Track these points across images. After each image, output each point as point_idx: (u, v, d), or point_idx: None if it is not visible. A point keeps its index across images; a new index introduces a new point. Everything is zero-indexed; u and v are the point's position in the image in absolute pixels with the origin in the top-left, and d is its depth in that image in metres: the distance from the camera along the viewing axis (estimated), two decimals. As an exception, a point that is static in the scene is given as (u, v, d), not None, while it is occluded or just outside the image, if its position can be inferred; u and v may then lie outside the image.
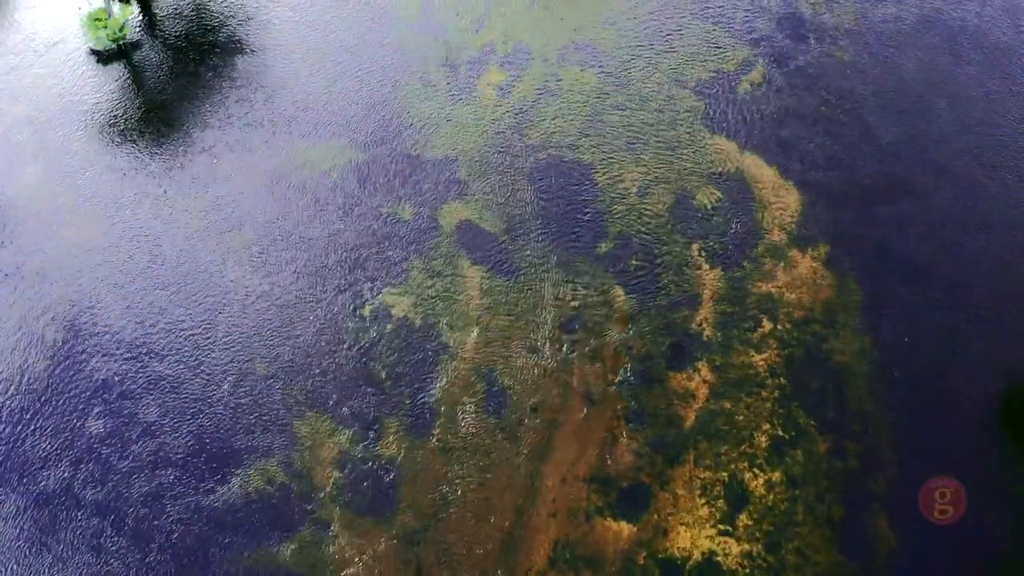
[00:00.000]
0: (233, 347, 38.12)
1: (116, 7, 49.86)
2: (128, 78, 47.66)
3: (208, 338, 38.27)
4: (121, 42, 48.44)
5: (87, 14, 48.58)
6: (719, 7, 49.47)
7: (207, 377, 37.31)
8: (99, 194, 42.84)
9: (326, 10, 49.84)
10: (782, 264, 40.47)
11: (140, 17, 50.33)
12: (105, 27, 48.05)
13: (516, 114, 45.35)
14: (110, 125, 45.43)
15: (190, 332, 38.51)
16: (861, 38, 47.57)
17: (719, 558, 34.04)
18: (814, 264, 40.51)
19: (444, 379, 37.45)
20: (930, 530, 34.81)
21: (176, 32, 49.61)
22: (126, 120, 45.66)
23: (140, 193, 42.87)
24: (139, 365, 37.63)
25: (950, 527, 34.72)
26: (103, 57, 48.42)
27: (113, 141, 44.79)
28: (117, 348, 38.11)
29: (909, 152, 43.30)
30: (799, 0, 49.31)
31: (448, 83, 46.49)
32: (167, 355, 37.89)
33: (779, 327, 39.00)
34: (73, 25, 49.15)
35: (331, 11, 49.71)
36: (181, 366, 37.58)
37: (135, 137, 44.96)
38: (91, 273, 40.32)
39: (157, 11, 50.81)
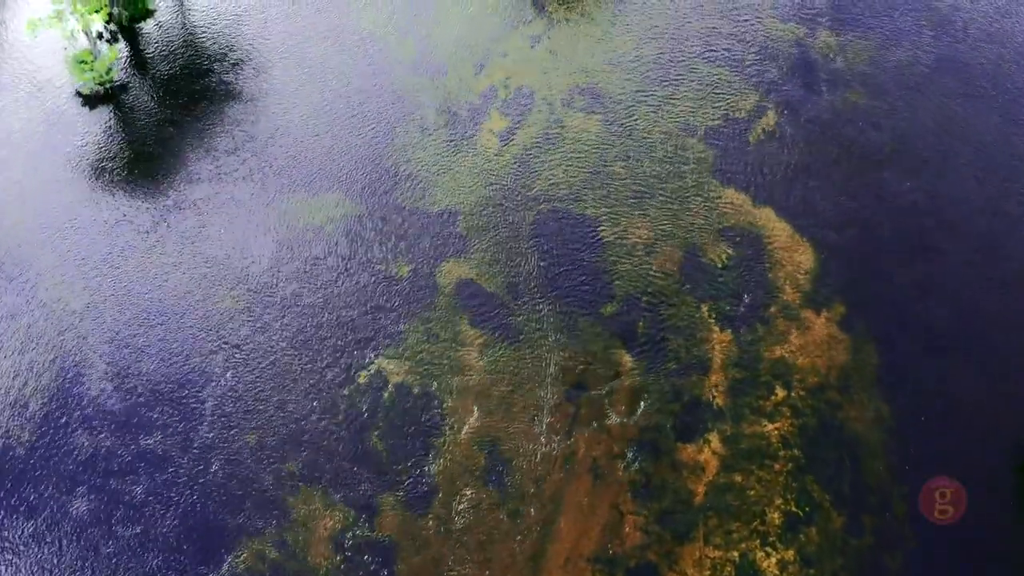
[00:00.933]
0: (223, 418, 37.44)
1: (104, 47, 49.24)
2: (115, 124, 46.94)
3: (196, 409, 37.59)
4: (108, 85, 47.79)
5: (72, 56, 47.88)
6: (727, 49, 48.79)
7: (196, 451, 36.62)
8: (85, 249, 42.14)
9: (320, 54, 49.10)
10: (795, 327, 39.81)
11: (128, 57, 49.67)
12: (91, 69, 47.34)
13: (517, 164, 44.69)
14: (96, 175, 44.74)
15: (178, 401, 37.80)
16: (876, 82, 46.86)
17: (730, 647, 33.51)
18: (829, 327, 39.84)
19: (443, 451, 36.80)
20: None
21: (165, 74, 48.90)
22: (113, 169, 44.96)
23: (127, 248, 42.19)
24: (125, 438, 36.90)
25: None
26: (89, 100, 47.73)
27: (99, 192, 44.08)
28: (103, 420, 37.40)
29: (927, 208, 42.59)
30: (810, 42, 48.63)
31: (447, 130, 45.82)
32: (154, 427, 37.20)
33: (793, 394, 38.34)
34: (59, 67, 48.46)
35: (325, 55, 48.96)
36: (169, 439, 36.90)
37: (122, 188, 44.26)
38: (75, 334, 39.62)
39: (146, 50, 50.18)
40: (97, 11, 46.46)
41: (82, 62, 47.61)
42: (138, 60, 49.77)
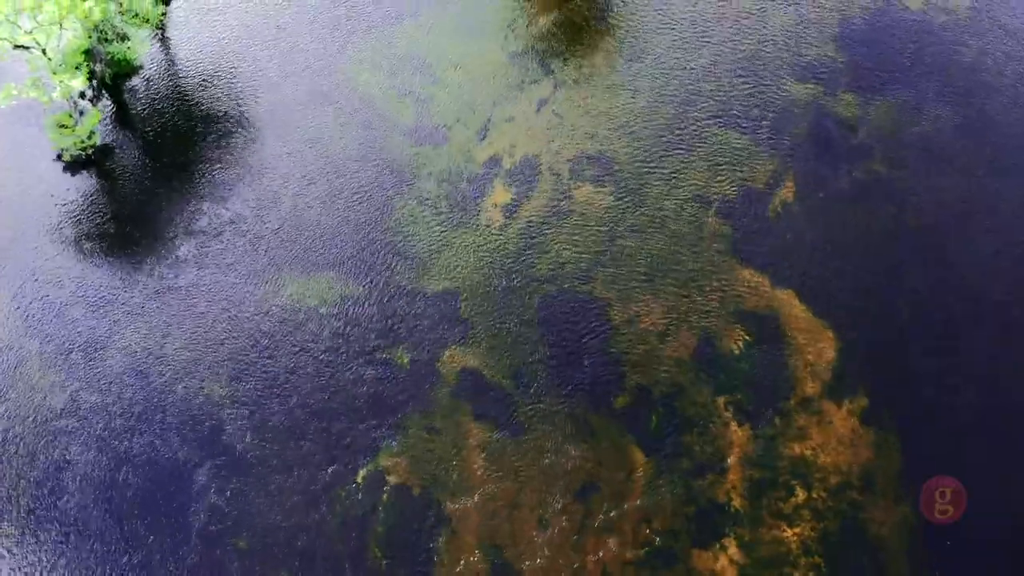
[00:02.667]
0: (211, 522, 37.03)
1: (86, 105, 48.89)
2: (97, 195, 46.51)
3: (183, 519, 37.09)
4: (90, 150, 47.43)
5: (52, 119, 47.52)
6: (742, 112, 48.52)
7: (181, 565, 36.21)
8: (63, 335, 41.70)
9: (315, 118, 48.67)
10: (816, 420, 39.54)
11: (112, 118, 49.34)
12: (72, 132, 47.06)
13: (522, 240, 44.40)
14: (76, 254, 44.19)
15: (162, 511, 37.26)
16: (898, 153, 46.54)
17: None
18: (851, 420, 39.57)
19: (445, 558, 36.42)
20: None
21: (151, 139, 48.54)
22: (94, 250, 44.34)
23: (107, 335, 41.77)
24: (108, 556, 36.35)
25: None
26: (71, 166, 47.38)
27: (79, 273, 43.58)
28: (84, 535, 36.77)
29: (952, 295, 42.17)
30: (829, 106, 48.33)
31: (448, 204, 45.53)
32: (139, 542, 36.67)
33: (813, 495, 38.06)
34: (37, 129, 48.12)
35: (320, 120, 48.57)
36: (155, 556, 36.39)
37: (103, 269, 43.74)
38: (51, 431, 39.25)
39: (132, 108, 49.86)
40: (77, 67, 46.14)
41: (62, 126, 47.33)
42: (123, 121, 49.43)
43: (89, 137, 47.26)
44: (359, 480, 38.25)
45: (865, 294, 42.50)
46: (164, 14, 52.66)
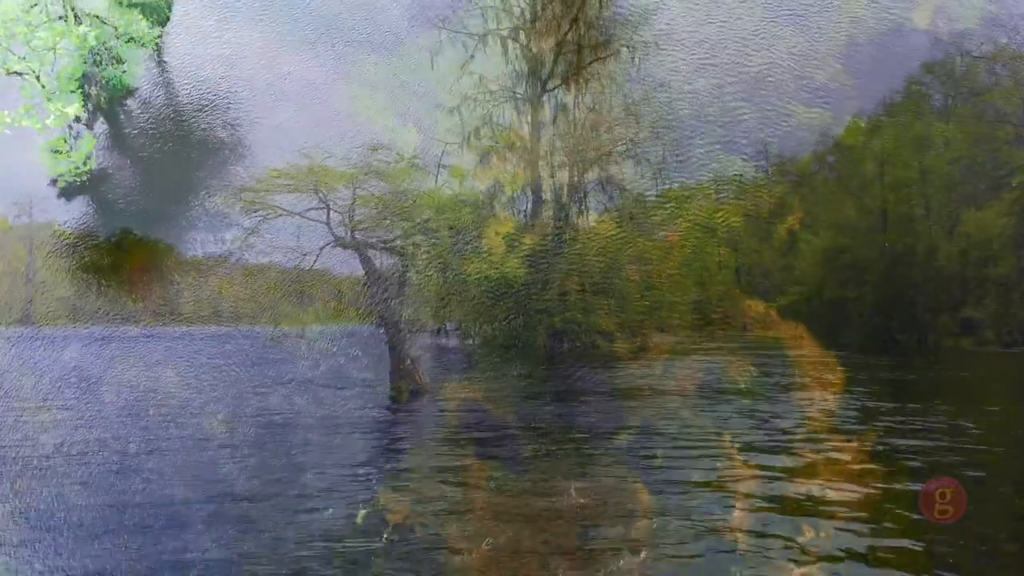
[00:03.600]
0: (206, 572, 36.34)
1: (81, 129, 48.36)
2: (92, 221, 46.13)
3: (177, 569, 36.39)
4: (86, 176, 46.87)
5: (46, 144, 46.99)
6: (748, 136, 47.89)
7: (179, 606, 35.59)
8: (55, 367, 41.26)
9: (313, 142, 48.17)
10: (824, 456, 38.94)
11: (108, 142, 48.87)
12: (67, 158, 46.52)
13: (525, 270, 43.95)
14: (70, 281, 43.85)
15: (156, 560, 36.50)
16: (906, 179, 46.03)
17: None
18: (860, 455, 38.94)
19: (446, 602, 35.75)
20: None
21: (147, 164, 48.12)
22: (88, 275, 44.06)
23: (103, 366, 41.28)
24: (100, 593, 35.87)
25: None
26: (66, 192, 46.87)
27: (74, 302, 43.22)
28: (77, 578, 36.37)
29: (966, 325, 41.72)
30: (837, 133, 47.76)
31: (448, 233, 45.00)
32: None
33: (822, 534, 37.30)
34: (31, 156, 47.64)
35: (319, 147, 47.91)
36: (148, 592, 35.85)
37: (99, 298, 43.39)
38: (41, 471, 38.66)
39: (129, 132, 49.31)
40: (72, 92, 45.57)
41: (56, 151, 46.79)
42: (119, 145, 48.93)
43: (84, 163, 46.70)
44: (359, 520, 37.48)
45: (875, 325, 41.85)
46: (160, 36, 52.02)
